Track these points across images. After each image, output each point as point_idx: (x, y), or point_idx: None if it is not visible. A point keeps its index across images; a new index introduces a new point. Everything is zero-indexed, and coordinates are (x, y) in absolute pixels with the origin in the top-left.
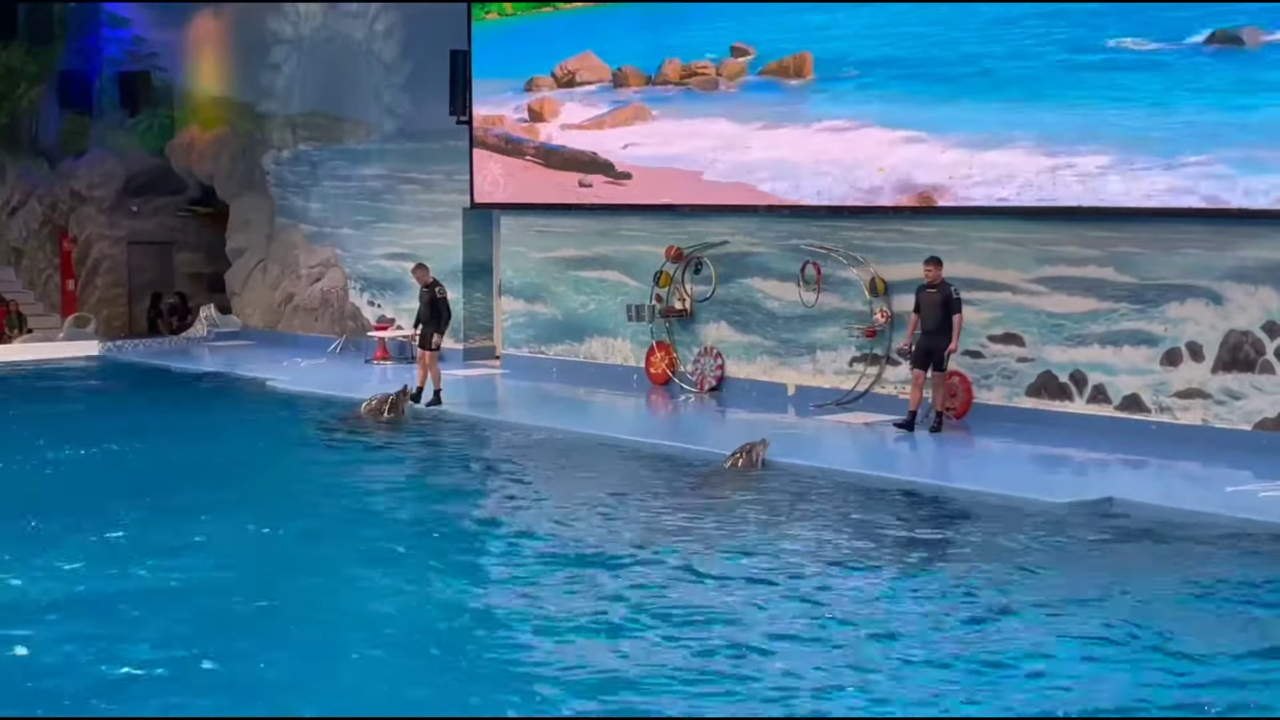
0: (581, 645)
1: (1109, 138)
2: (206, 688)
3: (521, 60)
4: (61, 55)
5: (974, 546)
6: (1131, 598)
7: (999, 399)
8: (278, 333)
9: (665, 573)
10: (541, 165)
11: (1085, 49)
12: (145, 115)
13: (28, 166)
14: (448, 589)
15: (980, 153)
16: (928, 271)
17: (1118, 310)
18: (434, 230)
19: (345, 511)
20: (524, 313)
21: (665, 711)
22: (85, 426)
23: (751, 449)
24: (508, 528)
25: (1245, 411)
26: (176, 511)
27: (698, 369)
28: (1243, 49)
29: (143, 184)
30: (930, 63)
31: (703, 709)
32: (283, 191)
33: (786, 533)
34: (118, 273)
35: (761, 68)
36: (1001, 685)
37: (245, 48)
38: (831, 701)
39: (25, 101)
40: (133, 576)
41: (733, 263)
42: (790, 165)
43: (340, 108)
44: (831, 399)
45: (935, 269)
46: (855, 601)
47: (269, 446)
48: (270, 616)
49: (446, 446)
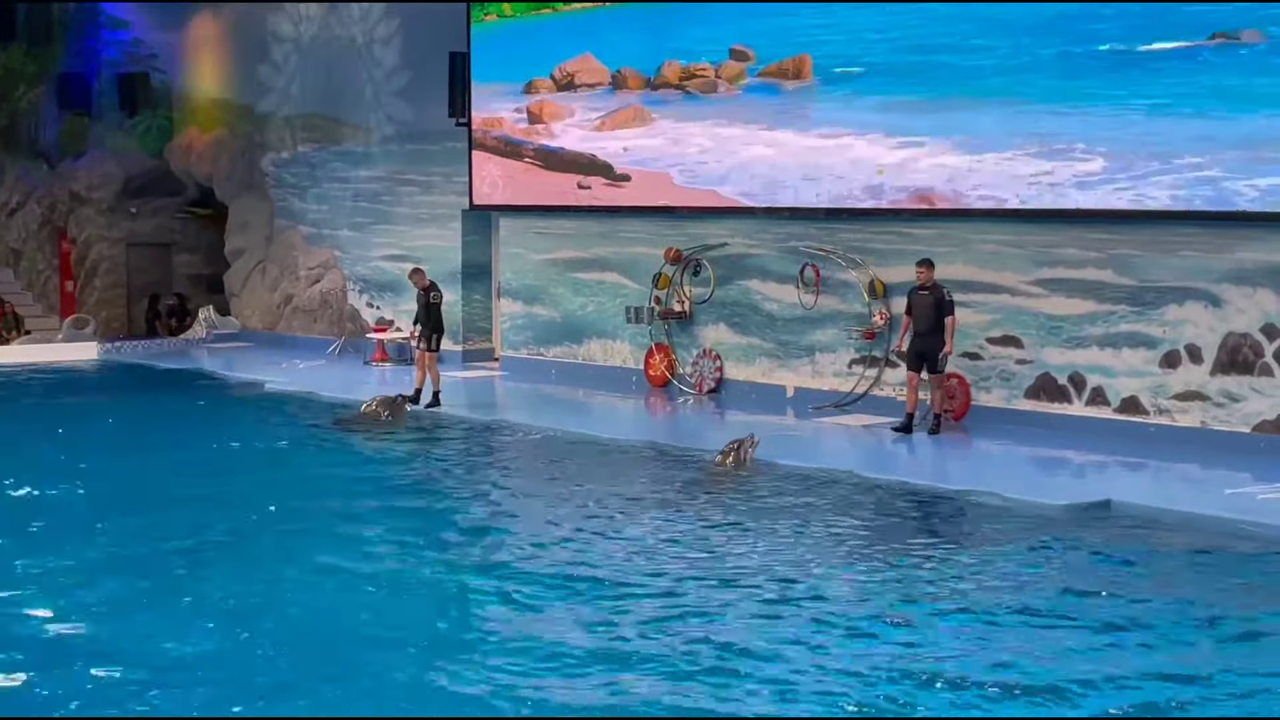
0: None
1: (1108, 140)
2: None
3: (521, 62)
4: (61, 57)
5: (972, 548)
6: (1126, 599)
7: (998, 401)
8: (276, 334)
9: (667, 576)
10: (540, 167)
11: (1084, 51)
12: (144, 117)
13: (27, 168)
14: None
15: (979, 154)
16: (920, 273)
17: (1116, 312)
18: (433, 232)
19: (331, 510)
20: (523, 315)
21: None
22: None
23: (740, 446)
24: (500, 527)
25: (1244, 414)
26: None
27: (697, 371)
28: (1242, 51)
29: (142, 185)
30: (930, 65)
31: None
32: (282, 193)
33: (776, 533)
34: (116, 274)
35: (761, 70)
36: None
37: (244, 49)
38: (823, 702)
39: (24, 103)
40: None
41: (731, 265)
42: (789, 167)
43: (339, 109)
44: (830, 401)
45: (928, 271)
46: (846, 602)
47: (263, 448)
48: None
49: (447, 447)
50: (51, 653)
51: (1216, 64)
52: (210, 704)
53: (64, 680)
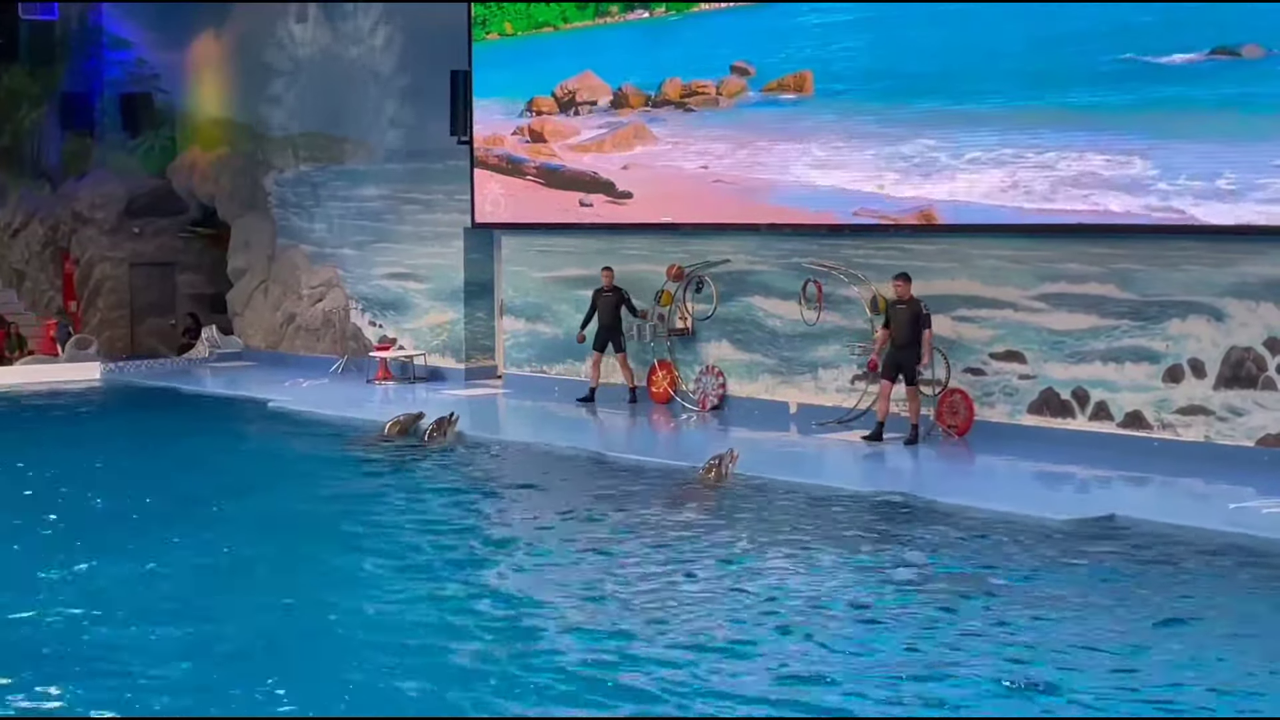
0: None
1: (1111, 154)
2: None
3: (522, 80)
4: (63, 77)
5: (978, 561)
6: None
7: (1001, 416)
8: (279, 353)
9: (663, 578)
10: (542, 185)
11: (1088, 65)
12: (147, 136)
13: (29, 188)
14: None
15: (981, 170)
16: (897, 288)
17: (1119, 327)
18: (435, 250)
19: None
20: (525, 332)
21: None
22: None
23: (721, 461)
24: (512, 537)
25: (1248, 428)
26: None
27: (699, 388)
28: (1243, 64)
29: (144, 205)
30: (932, 81)
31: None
32: (284, 212)
33: (770, 549)
34: (119, 294)
35: (762, 86)
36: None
37: (246, 69)
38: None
39: (27, 123)
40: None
41: (734, 281)
42: (791, 183)
43: (341, 128)
44: (833, 417)
45: (905, 285)
46: (847, 609)
47: (277, 468)
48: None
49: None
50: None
51: (1219, 76)
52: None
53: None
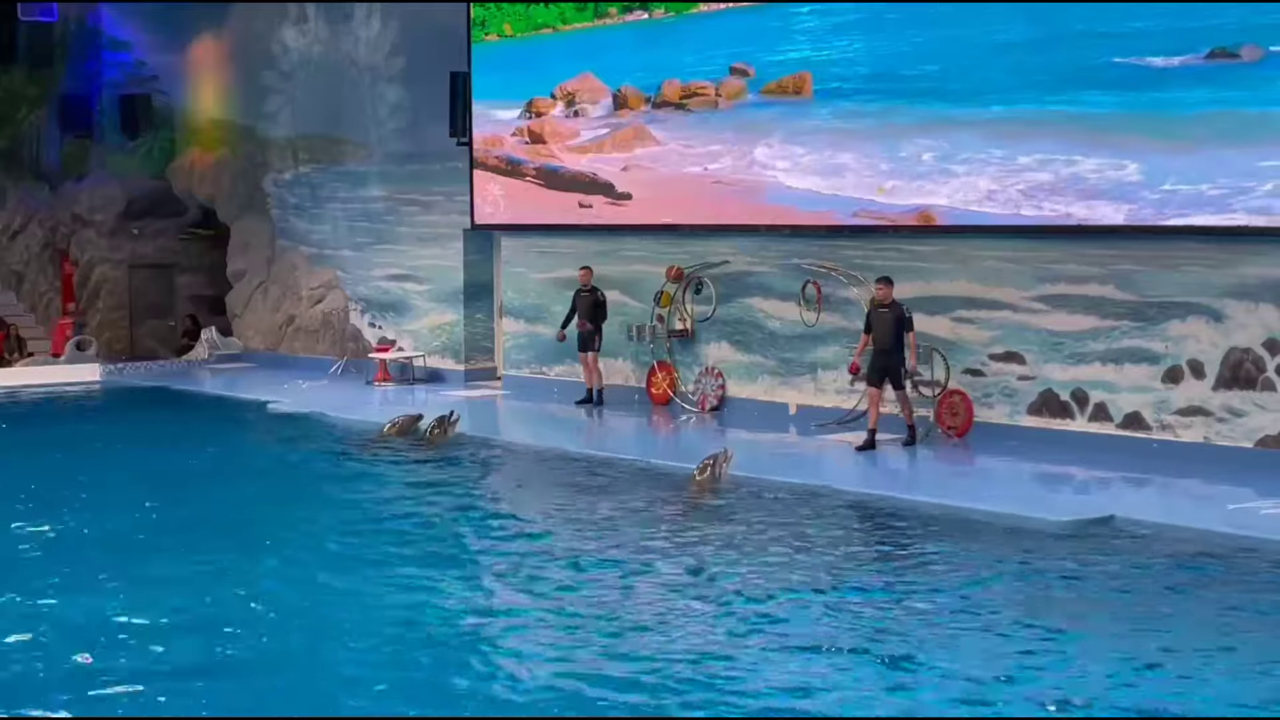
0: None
1: (1110, 156)
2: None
3: (521, 82)
4: (62, 79)
5: (979, 563)
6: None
7: (1000, 418)
8: (279, 355)
9: (665, 580)
10: (542, 186)
11: (1088, 66)
12: (146, 138)
13: (29, 190)
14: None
15: (980, 171)
16: (879, 290)
17: (1119, 328)
18: (435, 251)
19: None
20: (525, 333)
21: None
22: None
23: (715, 462)
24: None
25: (1247, 429)
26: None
27: (699, 389)
28: (1242, 66)
29: (144, 207)
30: (931, 83)
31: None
32: (283, 213)
33: (765, 548)
34: (119, 296)
35: (761, 88)
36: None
37: (246, 71)
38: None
39: (26, 125)
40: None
41: (733, 282)
42: (790, 185)
43: (340, 129)
44: (833, 418)
45: (887, 288)
46: (851, 615)
47: (277, 468)
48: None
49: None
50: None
51: (1218, 78)
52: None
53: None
